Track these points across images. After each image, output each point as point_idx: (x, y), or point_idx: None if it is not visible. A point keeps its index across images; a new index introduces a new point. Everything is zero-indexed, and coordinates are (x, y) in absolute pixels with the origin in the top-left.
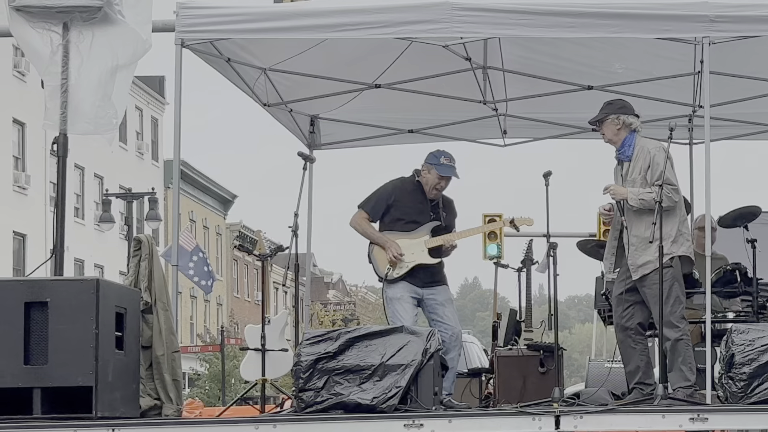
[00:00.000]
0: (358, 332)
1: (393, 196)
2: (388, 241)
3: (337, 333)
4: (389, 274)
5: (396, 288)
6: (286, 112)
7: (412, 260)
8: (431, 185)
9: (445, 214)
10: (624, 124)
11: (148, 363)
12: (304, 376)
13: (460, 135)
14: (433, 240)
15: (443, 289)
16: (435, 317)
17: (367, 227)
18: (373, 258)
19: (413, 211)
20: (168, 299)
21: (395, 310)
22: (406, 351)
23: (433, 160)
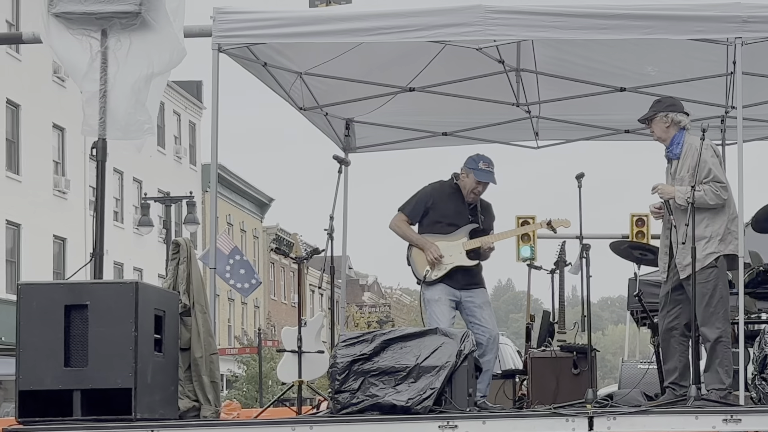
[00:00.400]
0: (393, 334)
1: (432, 199)
2: (428, 243)
3: (373, 335)
4: (428, 276)
5: (434, 290)
6: (322, 115)
7: (451, 262)
8: (469, 189)
9: (483, 217)
10: (673, 122)
11: (187, 365)
12: (339, 377)
13: (493, 137)
14: (471, 242)
15: (481, 291)
16: (473, 320)
17: (406, 229)
18: (412, 260)
19: (452, 214)
20: (206, 302)
21: (433, 312)
22: (440, 353)
23: (471, 164)
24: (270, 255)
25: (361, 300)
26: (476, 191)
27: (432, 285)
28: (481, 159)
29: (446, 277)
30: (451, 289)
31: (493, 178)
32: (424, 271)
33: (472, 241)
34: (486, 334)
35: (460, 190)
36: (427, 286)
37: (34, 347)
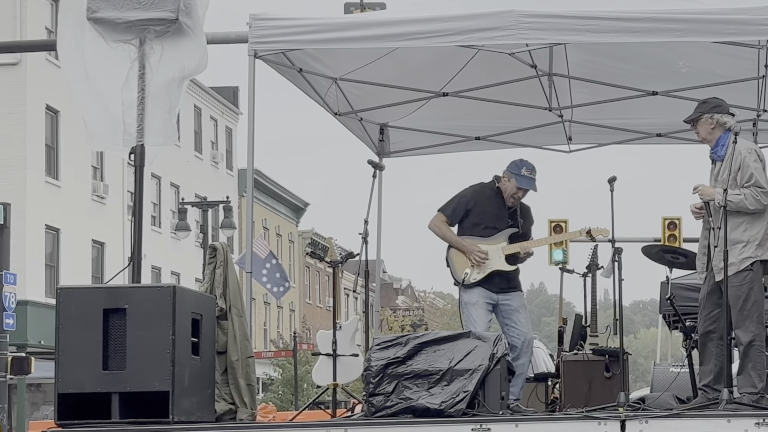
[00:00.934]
0: (427, 337)
1: (473, 201)
2: (469, 245)
3: (406, 338)
4: (467, 278)
5: (472, 293)
6: (357, 120)
7: (490, 266)
8: (509, 194)
9: (522, 221)
10: (718, 123)
11: (223, 368)
12: (374, 380)
13: (525, 141)
14: (511, 247)
15: (518, 295)
16: (508, 322)
17: (446, 230)
18: (451, 262)
19: (492, 217)
20: (242, 305)
21: (470, 315)
22: (473, 356)
23: (514, 169)
24: (305, 259)
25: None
26: (516, 196)
27: (470, 288)
28: (524, 165)
29: (484, 280)
30: (489, 293)
31: (534, 185)
32: (463, 273)
33: (511, 246)
34: (521, 338)
35: (500, 193)
36: (465, 289)
37: (73, 350)
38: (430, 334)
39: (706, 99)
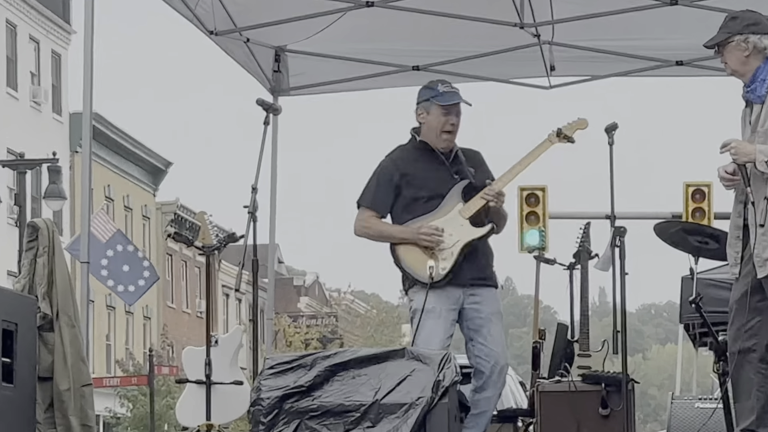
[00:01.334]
0: (342, 357)
1: (398, 172)
2: (413, 228)
3: (313, 358)
4: (436, 272)
5: (429, 295)
6: (241, 42)
7: (457, 241)
8: (438, 128)
9: (472, 169)
10: (755, 49)
11: (49, 401)
12: (265, 420)
13: (487, 73)
14: (471, 204)
15: (490, 295)
16: (475, 337)
17: (379, 227)
18: (406, 263)
19: (430, 182)
20: (76, 311)
21: (423, 326)
22: (409, 384)
23: (427, 93)
24: (166, 243)
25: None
26: (448, 127)
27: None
28: (438, 82)
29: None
30: (453, 292)
31: (461, 97)
32: (428, 269)
33: (470, 203)
34: (490, 360)
35: (428, 147)
36: (418, 290)
37: None
38: (346, 352)
39: (736, 13)
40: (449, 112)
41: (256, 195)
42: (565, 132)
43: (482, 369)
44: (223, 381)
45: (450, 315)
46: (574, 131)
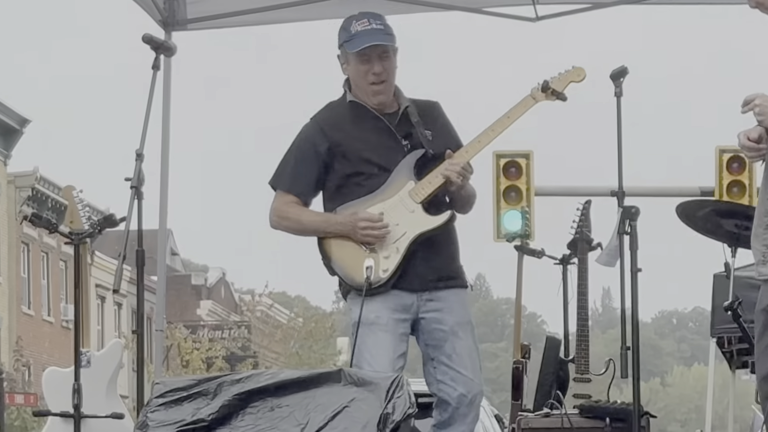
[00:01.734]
0: (257, 382)
1: (325, 142)
2: (347, 219)
3: (217, 383)
4: (375, 276)
5: (369, 301)
6: None
7: (404, 234)
8: (361, 81)
9: (428, 132)
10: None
11: None
12: None
13: (453, 0)
14: (425, 183)
15: (456, 299)
16: (437, 355)
17: (302, 216)
18: (337, 264)
19: (371, 152)
20: None
21: (365, 343)
22: (347, 419)
23: (341, 36)
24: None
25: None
26: (374, 79)
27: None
28: (354, 18)
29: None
30: (402, 296)
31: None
32: (365, 271)
33: (424, 181)
34: (458, 387)
35: (364, 106)
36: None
37: None
38: (262, 375)
39: None
40: (369, 58)
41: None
42: (554, 86)
43: (447, 399)
44: (96, 414)
45: (399, 327)
46: (566, 85)
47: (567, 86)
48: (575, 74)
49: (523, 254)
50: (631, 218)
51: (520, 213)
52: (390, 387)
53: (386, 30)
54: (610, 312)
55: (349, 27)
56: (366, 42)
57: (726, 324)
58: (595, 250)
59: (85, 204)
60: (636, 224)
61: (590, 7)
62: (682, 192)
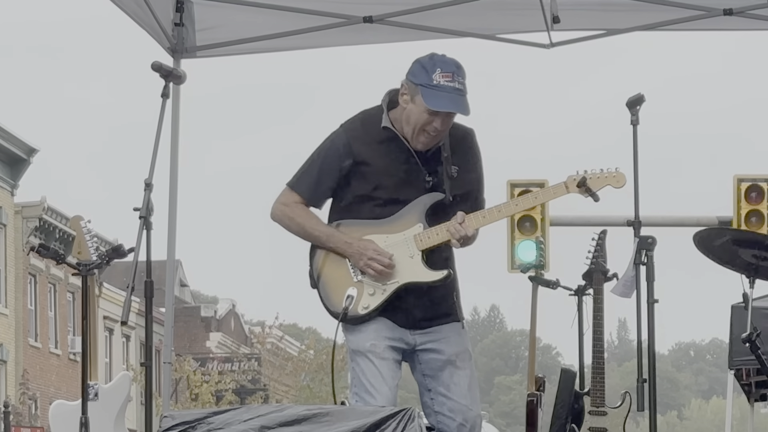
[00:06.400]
0: (268, 417)
1: (350, 158)
2: (354, 240)
3: (226, 417)
4: (353, 307)
5: (363, 330)
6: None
7: (394, 279)
8: (417, 126)
9: (456, 168)
10: None
11: None
12: None
13: (466, 27)
14: (432, 233)
15: (453, 331)
16: (434, 387)
17: (307, 221)
18: (323, 279)
19: (392, 180)
20: None
21: (361, 373)
22: None
23: (419, 76)
24: (28, 259)
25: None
26: (430, 129)
27: (360, 325)
28: (437, 63)
29: (388, 307)
30: (395, 329)
31: (461, 104)
32: (345, 298)
33: (431, 232)
34: (456, 417)
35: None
36: (351, 326)
37: None
38: (272, 409)
39: None
40: (435, 116)
41: (150, 194)
42: (590, 184)
43: (446, 430)
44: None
45: (395, 353)
46: (603, 186)
47: (603, 188)
48: (615, 180)
49: (538, 285)
50: (647, 248)
51: (534, 243)
52: (403, 419)
53: (465, 89)
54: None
55: (431, 71)
56: (447, 107)
57: (744, 356)
58: (610, 281)
59: (93, 234)
60: (652, 254)
61: (604, 33)
62: (700, 222)
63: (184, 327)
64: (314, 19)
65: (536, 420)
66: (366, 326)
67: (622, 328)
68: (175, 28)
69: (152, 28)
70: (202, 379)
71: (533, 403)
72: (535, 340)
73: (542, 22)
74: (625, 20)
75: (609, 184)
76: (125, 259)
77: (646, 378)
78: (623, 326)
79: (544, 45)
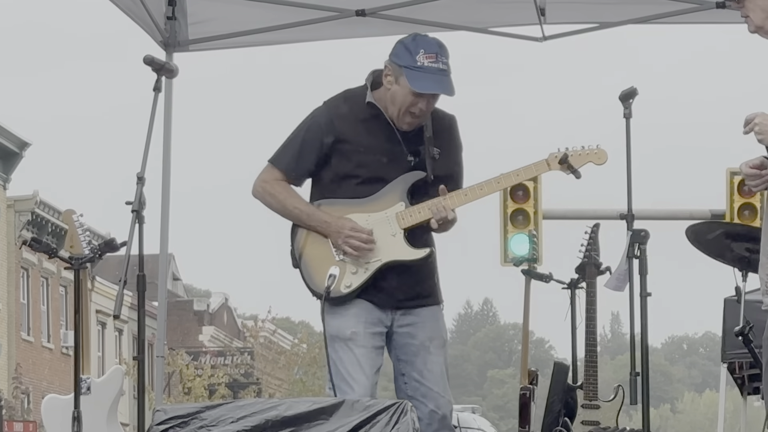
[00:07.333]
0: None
1: (332, 134)
2: (332, 218)
3: (219, 411)
4: (336, 286)
5: (344, 315)
6: None
7: (376, 257)
8: (402, 107)
9: (437, 150)
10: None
11: None
12: None
13: (459, 19)
14: (414, 211)
15: (429, 314)
16: (408, 370)
17: (288, 198)
18: (302, 258)
19: (374, 158)
20: None
21: (340, 361)
22: None
23: (403, 57)
24: (20, 253)
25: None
26: (415, 110)
27: (341, 305)
28: (421, 45)
29: (370, 285)
30: (375, 310)
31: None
32: (327, 277)
33: (413, 210)
34: (428, 403)
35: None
36: (333, 307)
37: None
38: (265, 404)
39: None
40: (420, 97)
41: (142, 187)
42: (572, 161)
43: (418, 415)
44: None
45: (375, 340)
46: (585, 163)
47: (585, 164)
48: (596, 156)
49: (531, 279)
50: (640, 242)
51: (527, 237)
52: (396, 411)
53: (449, 69)
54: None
55: (414, 53)
56: (432, 89)
57: (737, 349)
58: (603, 275)
59: (86, 228)
60: (645, 248)
61: (597, 26)
62: (693, 215)
63: (177, 321)
64: (307, 12)
65: (529, 413)
66: (346, 311)
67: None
68: (167, 21)
69: (144, 21)
70: (194, 372)
71: (526, 396)
72: (528, 334)
73: (535, 16)
74: (618, 13)
75: (590, 160)
76: (118, 253)
77: (639, 371)
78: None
79: (537, 38)
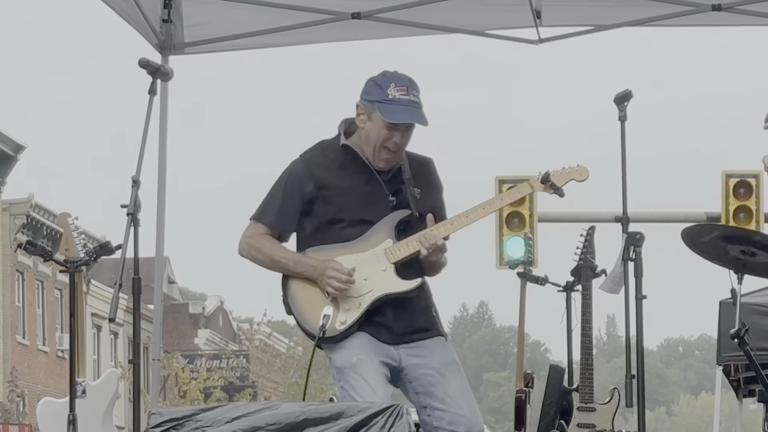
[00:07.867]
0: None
1: (311, 183)
2: (317, 263)
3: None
4: (330, 325)
5: (347, 347)
6: None
7: (369, 291)
8: (377, 143)
9: (417, 190)
10: None
11: None
12: None
13: (454, 22)
14: (402, 245)
15: (437, 345)
16: (429, 402)
17: (273, 251)
18: (295, 304)
19: (356, 202)
20: None
21: (353, 388)
22: None
23: (374, 93)
24: (15, 256)
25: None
26: (390, 145)
27: (340, 342)
28: (392, 80)
29: (366, 322)
30: (380, 344)
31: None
32: (321, 318)
33: (402, 244)
34: (458, 428)
35: (358, 154)
36: (334, 344)
37: None
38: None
39: None
40: (396, 128)
41: (138, 190)
42: (554, 180)
43: None
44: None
45: (383, 368)
46: (567, 181)
47: (567, 183)
48: (578, 173)
49: (526, 281)
50: (635, 244)
51: (522, 239)
52: (392, 414)
53: (420, 102)
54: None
55: (385, 87)
56: (404, 119)
57: (733, 352)
58: (599, 277)
59: (81, 231)
60: (641, 250)
61: (593, 29)
62: (688, 217)
63: (173, 324)
64: (303, 15)
65: (525, 416)
66: (348, 342)
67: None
68: (163, 24)
69: (140, 24)
70: (190, 376)
71: (522, 399)
72: (523, 337)
73: (531, 18)
74: (614, 16)
75: (572, 178)
76: (113, 256)
77: (634, 374)
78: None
79: (533, 41)
